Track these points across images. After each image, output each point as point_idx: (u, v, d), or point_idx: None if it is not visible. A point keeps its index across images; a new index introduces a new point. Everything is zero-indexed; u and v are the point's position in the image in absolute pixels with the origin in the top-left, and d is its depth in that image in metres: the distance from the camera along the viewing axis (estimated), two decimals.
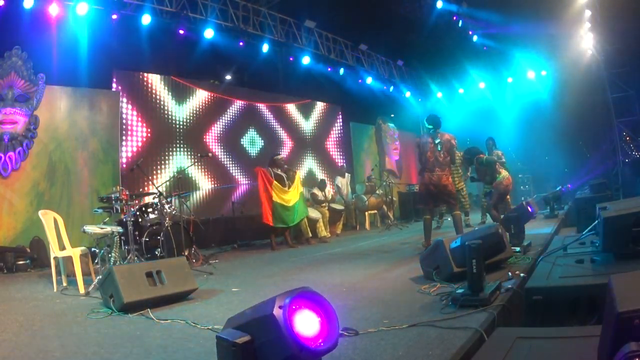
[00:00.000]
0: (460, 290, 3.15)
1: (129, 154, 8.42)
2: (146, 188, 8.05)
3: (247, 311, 2.00)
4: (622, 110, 12.25)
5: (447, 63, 14.41)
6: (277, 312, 1.79)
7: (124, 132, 8.38)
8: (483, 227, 4.73)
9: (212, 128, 10.14)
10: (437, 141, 6.04)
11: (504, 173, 7.27)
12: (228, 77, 10.67)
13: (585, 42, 12.18)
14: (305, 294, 1.93)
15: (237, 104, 10.82)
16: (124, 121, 8.42)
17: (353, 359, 2.35)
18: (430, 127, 6.23)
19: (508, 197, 7.74)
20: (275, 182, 7.91)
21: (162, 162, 9.04)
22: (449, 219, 8.51)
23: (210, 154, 8.57)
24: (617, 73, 12.01)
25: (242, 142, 10.76)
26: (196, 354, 2.65)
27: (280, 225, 7.97)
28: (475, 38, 13.14)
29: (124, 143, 8.35)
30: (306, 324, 1.87)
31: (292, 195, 8.06)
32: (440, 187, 6.07)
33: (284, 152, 11.53)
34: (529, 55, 13.58)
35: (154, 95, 9.10)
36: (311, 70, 11.52)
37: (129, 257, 5.44)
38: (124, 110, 8.45)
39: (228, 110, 10.58)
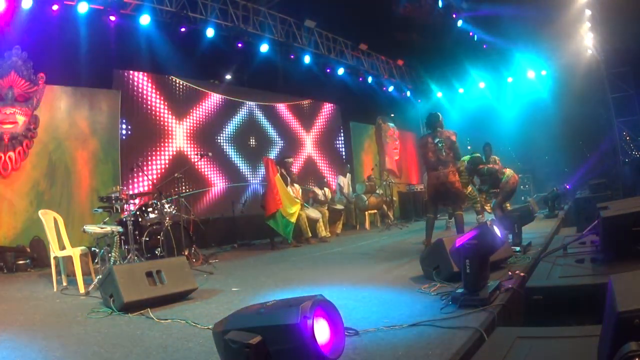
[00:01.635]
0: (460, 290, 3.15)
1: (130, 154, 8.41)
2: (146, 188, 8.06)
3: (257, 314, 1.99)
4: (622, 110, 12.26)
5: (447, 63, 14.40)
6: (303, 322, 1.79)
7: (124, 131, 8.37)
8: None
9: (212, 127, 10.14)
10: (436, 140, 6.03)
11: (509, 172, 7.30)
12: (228, 76, 10.66)
13: (585, 42, 12.18)
14: (322, 303, 1.94)
15: (237, 104, 10.81)
16: (124, 121, 8.41)
17: (353, 359, 2.35)
18: (429, 131, 6.24)
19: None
20: (278, 176, 7.90)
21: (162, 161, 9.04)
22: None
23: (209, 154, 8.57)
24: (617, 73, 12.02)
25: (241, 142, 10.75)
26: (196, 354, 2.64)
27: (272, 225, 7.87)
28: (475, 38, 13.14)
29: (124, 143, 8.35)
30: (321, 332, 1.89)
31: (291, 202, 7.98)
32: (448, 185, 6.05)
33: (284, 152, 11.53)
34: (529, 55, 13.58)
35: (154, 95, 9.09)
36: (311, 69, 11.52)
37: (129, 257, 5.44)
38: (124, 110, 8.44)
39: (228, 110, 10.57)
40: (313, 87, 12.08)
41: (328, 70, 12.26)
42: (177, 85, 9.58)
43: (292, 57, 11.14)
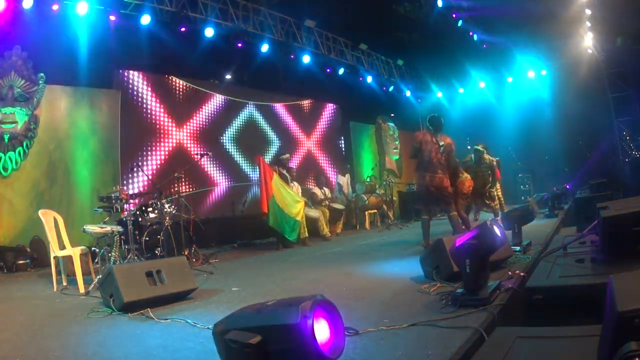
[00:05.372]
0: (460, 290, 3.15)
1: (129, 154, 8.40)
2: (146, 187, 8.05)
3: (257, 314, 1.99)
4: (622, 110, 12.26)
5: (447, 63, 14.39)
6: (303, 322, 1.78)
7: (124, 131, 8.35)
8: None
9: (212, 127, 10.13)
10: (440, 143, 6.05)
11: (467, 175, 7.28)
12: (228, 76, 10.65)
13: (585, 42, 12.18)
14: (322, 303, 1.94)
15: (237, 104, 10.81)
16: (124, 121, 8.40)
17: (353, 358, 2.35)
18: (431, 128, 6.23)
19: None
20: (276, 176, 7.80)
21: (162, 161, 9.03)
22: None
23: (209, 154, 8.55)
24: (617, 73, 12.01)
25: (241, 142, 10.74)
26: (196, 354, 2.65)
27: (273, 226, 7.78)
28: (475, 37, 13.14)
29: (124, 142, 8.34)
30: (321, 332, 1.89)
31: (293, 202, 7.93)
32: (441, 189, 6.09)
33: (285, 152, 11.52)
34: (529, 55, 13.58)
35: (153, 95, 9.08)
36: (311, 69, 11.51)
37: (129, 257, 5.45)
38: (124, 110, 8.43)
39: (228, 110, 10.56)
40: (313, 87, 12.07)
41: (328, 70, 12.25)
42: (177, 85, 9.57)
43: (292, 57, 11.13)
